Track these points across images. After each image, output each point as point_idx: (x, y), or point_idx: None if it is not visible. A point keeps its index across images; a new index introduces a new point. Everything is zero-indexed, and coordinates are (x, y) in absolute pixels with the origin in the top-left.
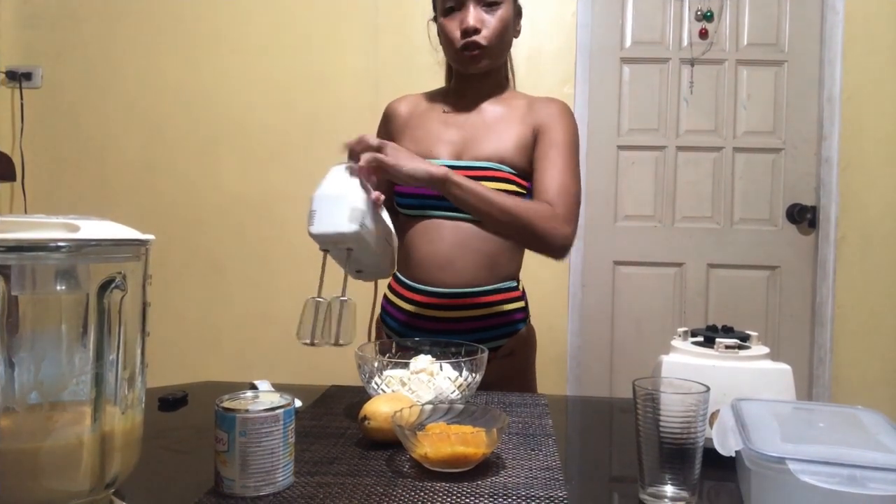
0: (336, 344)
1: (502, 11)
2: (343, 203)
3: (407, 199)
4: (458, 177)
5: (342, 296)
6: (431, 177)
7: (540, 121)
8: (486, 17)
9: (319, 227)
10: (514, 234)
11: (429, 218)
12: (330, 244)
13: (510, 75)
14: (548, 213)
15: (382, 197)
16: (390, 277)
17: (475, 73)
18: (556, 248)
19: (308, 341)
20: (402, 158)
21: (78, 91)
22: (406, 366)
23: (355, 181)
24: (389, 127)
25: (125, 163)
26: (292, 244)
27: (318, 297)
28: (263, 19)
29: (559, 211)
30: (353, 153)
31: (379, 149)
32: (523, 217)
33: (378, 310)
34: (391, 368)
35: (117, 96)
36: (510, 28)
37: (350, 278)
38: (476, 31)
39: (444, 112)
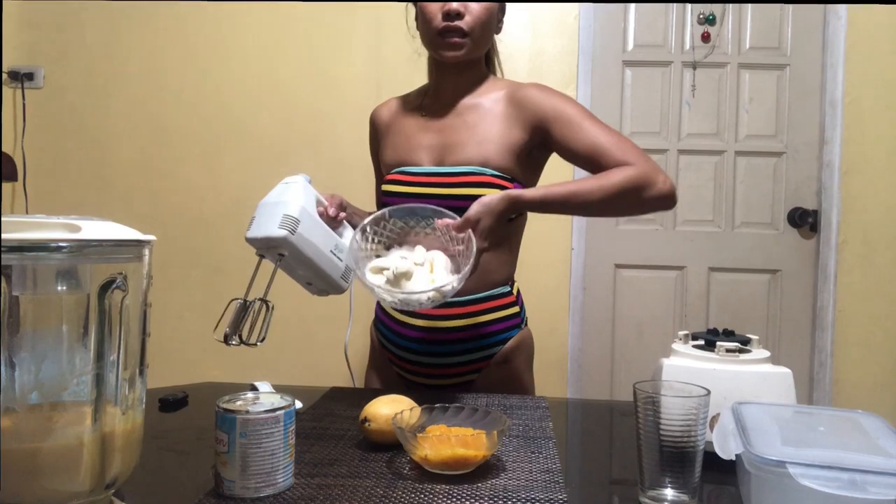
0: (246, 343)
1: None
2: (278, 210)
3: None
4: (526, 195)
5: (264, 297)
6: (502, 210)
7: (532, 117)
8: (471, 3)
9: (252, 231)
10: (624, 209)
11: None
12: (263, 248)
13: (497, 71)
14: (644, 173)
15: (342, 214)
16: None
17: (452, 64)
18: (669, 200)
19: (223, 339)
20: (489, 216)
21: (80, 92)
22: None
23: (299, 193)
24: (374, 135)
25: (127, 164)
26: None
27: (244, 298)
28: (266, 22)
29: (646, 165)
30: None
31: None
32: (625, 188)
33: (366, 319)
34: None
35: (119, 97)
36: (494, 19)
37: (301, 287)
38: (459, 15)
39: (421, 116)
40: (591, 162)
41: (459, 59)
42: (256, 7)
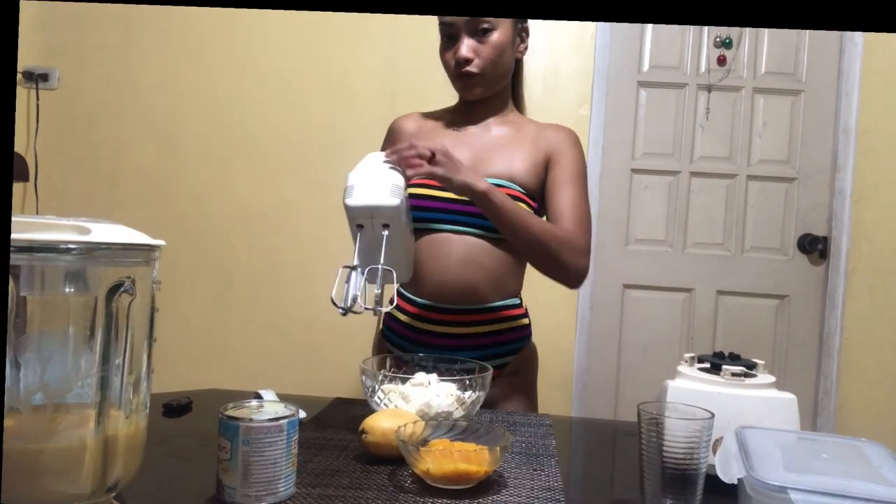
0: (375, 310)
1: (496, 37)
2: (384, 179)
3: (412, 211)
4: (497, 195)
5: (383, 265)
6: (473, 191)
7: (551, 148)
8: (480, 45)
9: (359, 199)
10: (538, 257)
11: (435, 232)
12: (366, 218)
13: (521, 94)
14: (572, 243)
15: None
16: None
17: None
18: (573, 278)
19: (343, 307)
20: (453, 170)
21: (94, 94)
22: (406, 381)
23: (394, 168)
24: (395, 144)
25: (138, 168)
26: (302, 255)
27: (353, 265)
28: (281, 30)
29: (580, 242)
30: (403, 160)
31: (431, 157)
32: (551, 244)
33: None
34: (392, 383)
35: (133, 101)
36: (506, 52)
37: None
38: (468, 61)
39: (453, 130)
40: (552, 216)
41: (480, 97)
42: (271, 15)
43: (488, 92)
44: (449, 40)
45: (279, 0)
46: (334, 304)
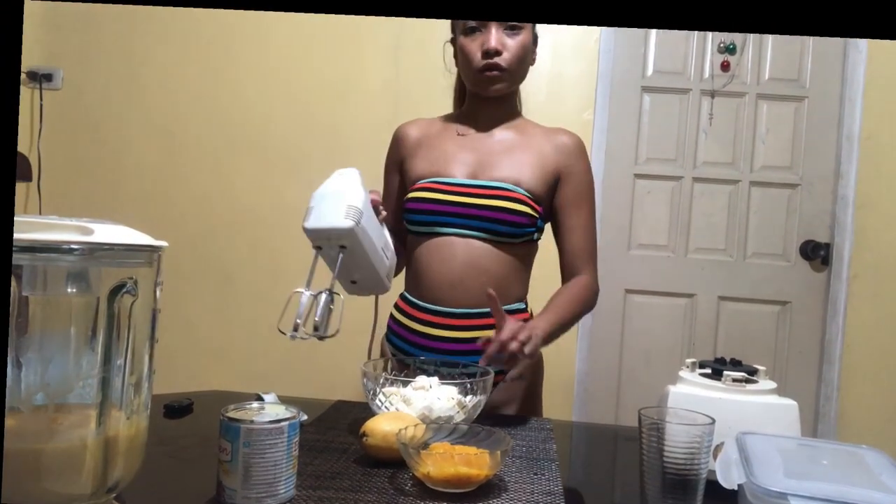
0: (319, 336)
1: (523, 37)
2: (340, 200)
3: (416, 215)
4: (547, 329)
5: (331, 289)
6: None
7: (561, 163)
8: (508, 40)
9: (313, 222)
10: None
11: (439, 235)
12: (323, 240)
13: (518, 101)
14: (593, 295)
15: (384, 213)
16: (387, 293)
17: (490, 97)
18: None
19: (290, 333)
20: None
21: (98, 95)
22: (408, 384)
23: (359, 183)
24: (400, 149)
25: (141, 168)
26: (305, 257)
27: (305, 290)
28: (285, 32)
29: (593, 283)
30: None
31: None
32: (583, 313)
33: (383, 329)
34: (394, 385)
35: (137, 102)
36: (529, 54)
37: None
38: (497, 52)
39: (458, 134)
40: (563, 250)
41: (500, 94)
42: (275, 16)
43: (508, 90)
44: (471, 32)
45: (283, 2)
46: (281, 331)
